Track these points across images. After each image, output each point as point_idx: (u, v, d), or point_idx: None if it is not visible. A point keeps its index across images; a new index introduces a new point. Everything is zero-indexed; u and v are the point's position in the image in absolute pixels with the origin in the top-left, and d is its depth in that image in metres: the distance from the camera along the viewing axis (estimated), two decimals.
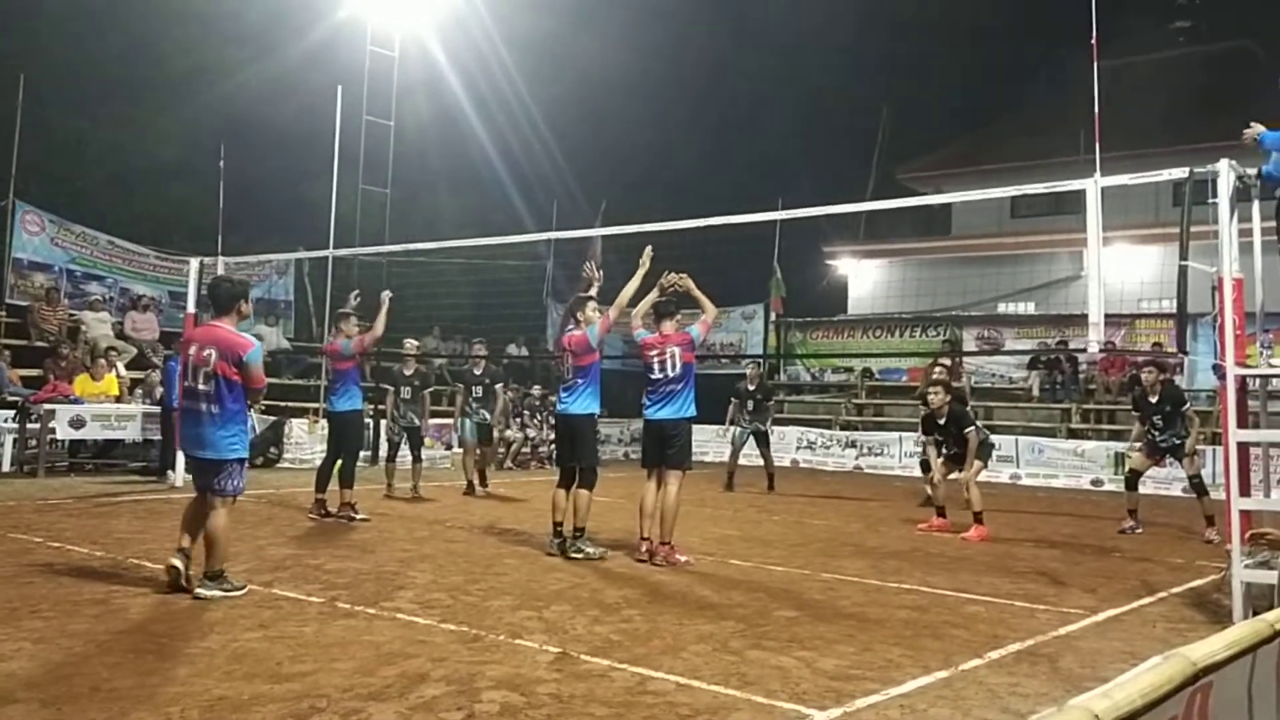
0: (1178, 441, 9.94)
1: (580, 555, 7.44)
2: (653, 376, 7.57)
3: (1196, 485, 9.95)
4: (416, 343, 12.94)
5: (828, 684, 4.42)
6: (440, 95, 25.00)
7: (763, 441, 13.89)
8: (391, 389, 12.00)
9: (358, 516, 9.40)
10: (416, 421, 11.82)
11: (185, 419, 6.10)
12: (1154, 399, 10.06)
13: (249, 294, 6.44)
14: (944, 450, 10.25)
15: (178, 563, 5.87)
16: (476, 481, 12.16)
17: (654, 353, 7.58)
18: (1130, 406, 11.41)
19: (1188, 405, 10.21)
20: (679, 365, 7.51)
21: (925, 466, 12.93)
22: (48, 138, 20.23)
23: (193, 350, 6.00)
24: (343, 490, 9.56)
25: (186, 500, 6.33)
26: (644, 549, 7.56)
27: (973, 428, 10.00)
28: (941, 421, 10.14)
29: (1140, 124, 20.84)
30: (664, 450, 7.58)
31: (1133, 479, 10.56)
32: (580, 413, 7.63)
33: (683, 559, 7.44)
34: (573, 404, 7.67)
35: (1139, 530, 10.20)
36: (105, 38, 22.80)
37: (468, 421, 12.22)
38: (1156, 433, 10.05)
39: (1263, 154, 6.26)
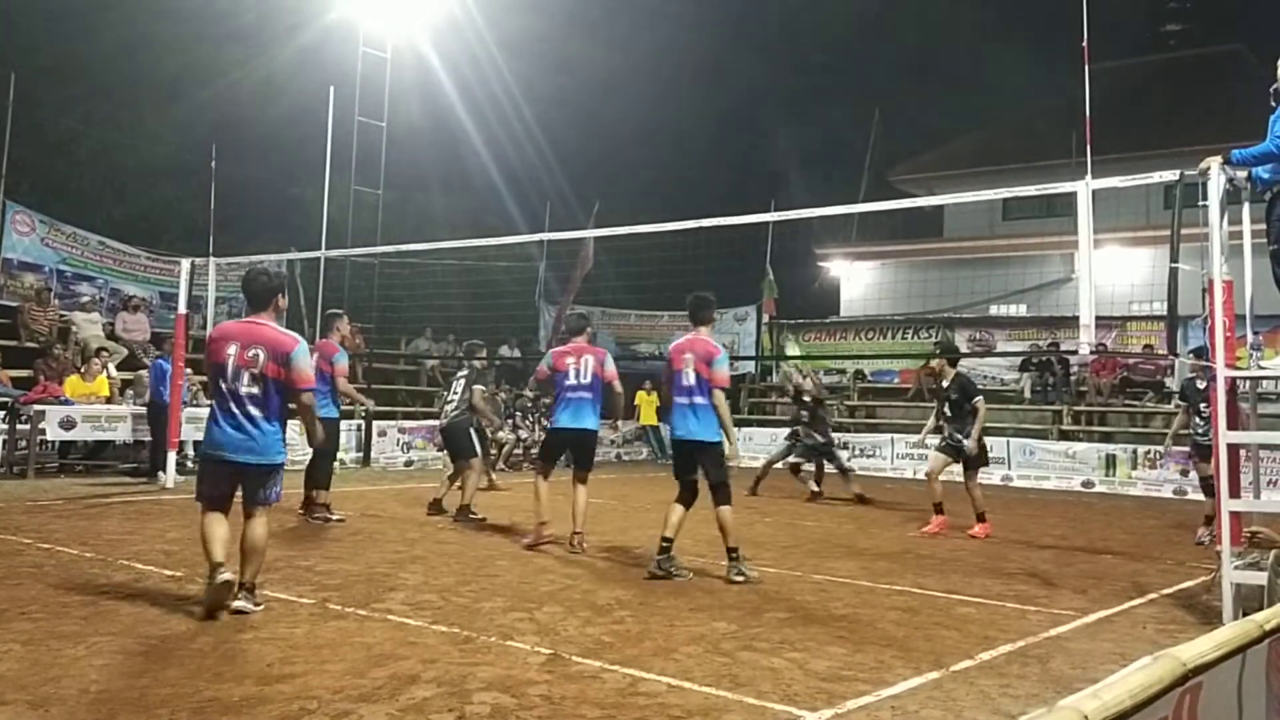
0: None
1: (740, 579, 6.89)
2: (567, 382, 8.08)
3: (1208, 485, 9.52)
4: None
5: (819, 685, 4.42)
6: (433, 96, 25.01)
7: (826, 454, 13.21)
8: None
9: (333, 517, 9.37)
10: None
11: (224, 424, 5.47)
12: (1202, 385, 9.61)
13: (285, 287, 6.05)
14: (943, 428, 10.16)
15: (229, 576, 5.34)
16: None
17: (570, 360, 8.13)
18: (1178, 397, 11.14)
19: None
20: (589, 374, 8.07)
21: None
22: (38, 137, 20.18)
23: (233, 350, 5.46)
24: (318, 491, 9.53)
25: (178, 501, 6.29)
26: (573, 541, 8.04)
27: (980, 396, 9.99)
28: (945, 384, 10.09)
29: (1131, 127, 20.92)
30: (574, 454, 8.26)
31: (1207, 485, 9.62)
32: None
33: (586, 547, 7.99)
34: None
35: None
36: (97, 38, 22.72)
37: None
38: (1202, 422, 9.58)
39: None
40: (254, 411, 5.45)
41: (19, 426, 12.73)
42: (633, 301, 23.55)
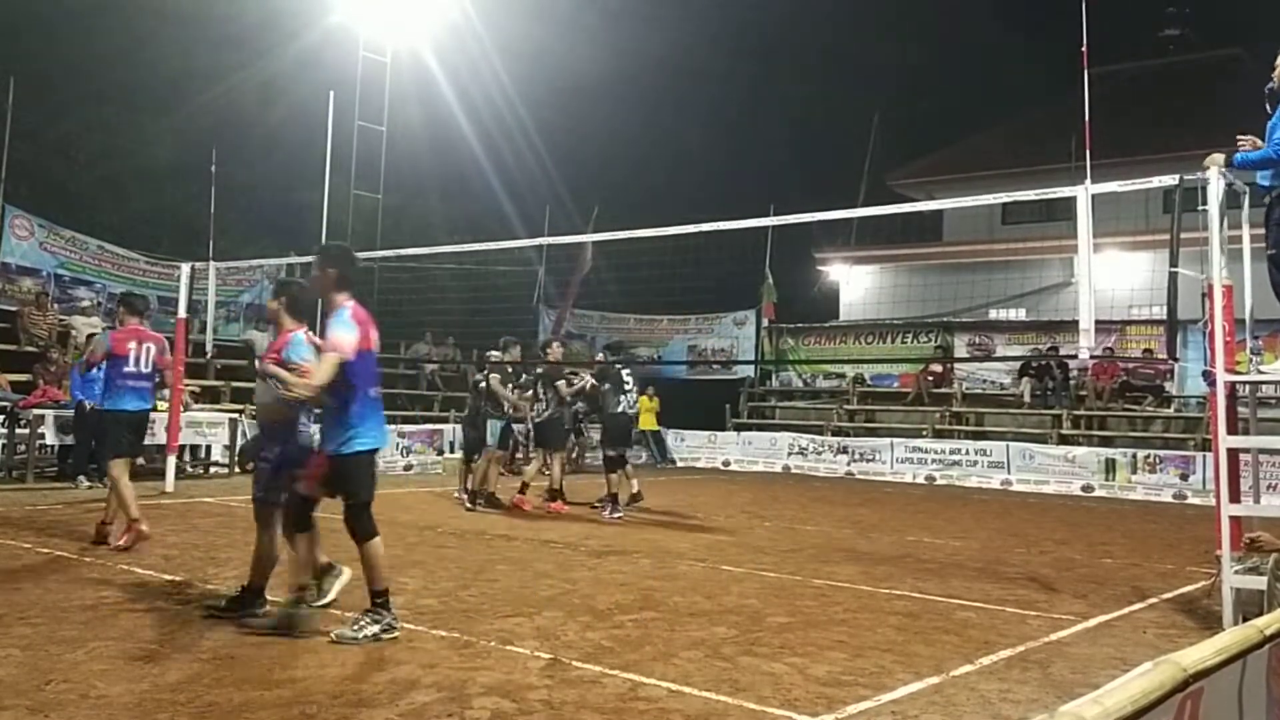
0: None
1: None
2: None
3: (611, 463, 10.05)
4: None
5: (819, 690, 4.42)
6: (432, 101, 25.00)
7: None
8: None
9: None
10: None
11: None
12: None
13: None
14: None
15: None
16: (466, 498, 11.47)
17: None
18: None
19: None
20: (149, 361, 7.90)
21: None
22: (38, 141, 20.17)
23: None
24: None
25: (177, 505, 6.28)
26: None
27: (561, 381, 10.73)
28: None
29: (1131, 131, 20.94)
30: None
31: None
32: None
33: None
34: None
35: None
36: (97, 41, 22.73)
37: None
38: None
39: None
40: None
41: (18, 431, 12.72)
42: (632, 305, 23.58)
